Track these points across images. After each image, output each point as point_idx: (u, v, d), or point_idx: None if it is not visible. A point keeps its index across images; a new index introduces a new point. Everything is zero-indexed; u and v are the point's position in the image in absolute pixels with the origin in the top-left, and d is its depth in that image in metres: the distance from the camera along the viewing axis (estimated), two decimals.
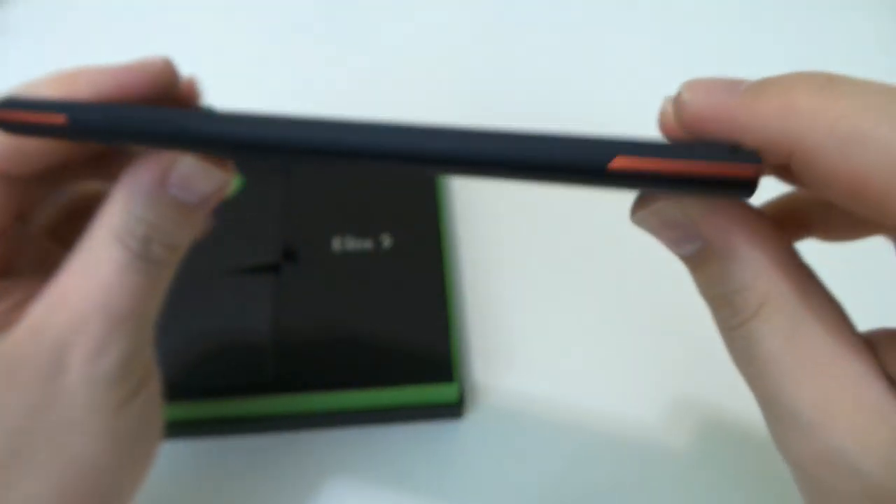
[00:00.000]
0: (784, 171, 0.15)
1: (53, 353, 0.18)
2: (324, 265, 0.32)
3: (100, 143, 0.20)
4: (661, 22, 0.53)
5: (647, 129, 0.18)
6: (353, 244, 0.33)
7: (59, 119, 0.16)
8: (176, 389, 0.24)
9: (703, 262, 0.16)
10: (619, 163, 0.14)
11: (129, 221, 0.18)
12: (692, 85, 0.15)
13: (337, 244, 0.33)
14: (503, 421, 0.31)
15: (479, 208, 0.40)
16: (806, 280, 0.15)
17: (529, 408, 0.31)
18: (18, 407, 0.17)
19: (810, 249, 0.18)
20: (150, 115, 0.16)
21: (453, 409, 0.30)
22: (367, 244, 0.33)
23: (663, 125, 0.17)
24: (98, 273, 0.18)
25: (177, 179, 0.19)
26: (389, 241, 0.33)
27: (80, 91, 0.19)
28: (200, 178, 0.19)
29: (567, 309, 0.34)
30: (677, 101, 0.16)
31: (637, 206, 0.17)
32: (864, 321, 0.16)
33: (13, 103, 0.17)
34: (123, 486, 0.20)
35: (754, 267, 0.15)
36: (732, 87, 0.15)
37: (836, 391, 0.15)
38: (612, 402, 0.31)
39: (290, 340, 0.30)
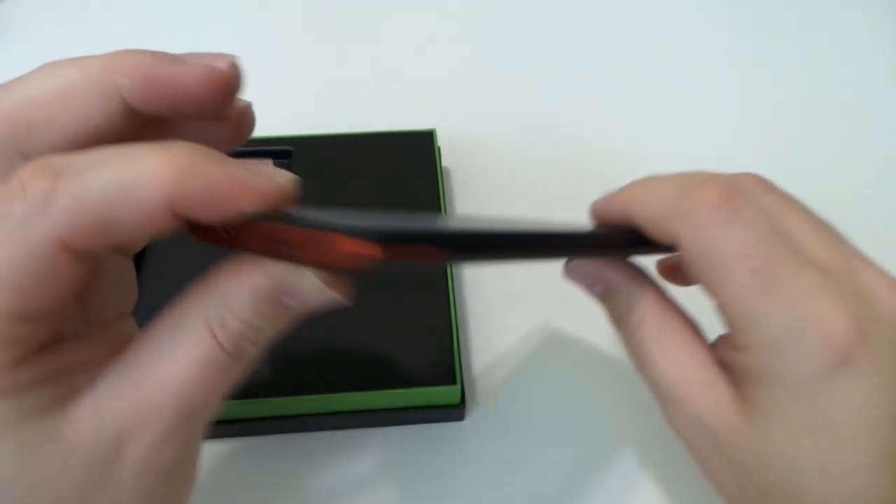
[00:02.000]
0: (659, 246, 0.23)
1: (113, 439, 0.16)
2: None
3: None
4: (661, 21, 0.53)
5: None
6: None
7: (431, 251, 0.17)
8: None
9: (606, 297, 0.24)
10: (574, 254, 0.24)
11: (226, 315, 0.17)
12: (595, 202, 0.25)
13: None
14: (504, 422, 0.31)
15: (480, 211, 0.40)
16: (669, 305, 0.23)
17: (530, 409, 0.31)
18: (71, 492, 0.16)
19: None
20: (510, 240, 0.20)
21: (455, 411, 0.30)
22: None
23: (592, 216, 0.26)
24: (180, 362, 0.17)
25: (293, 291, 0.17)
26: None
27: (133, 78, 0.17)
28: (318, 294, 0.18)
29: (570, 311, 0.34)
30: (592, 208, 0.25)
31: (566, 267, 0.25)
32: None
33: (395, 236, 0.16)
34: None
35: (635, 297, 0.23)
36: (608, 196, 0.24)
37: (690, 373, 0.22)
38: (613, 405, 0.32)
39: (292, 342, 0.30)
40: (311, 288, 0.17)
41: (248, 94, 0.48)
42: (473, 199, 0.40)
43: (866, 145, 0.44)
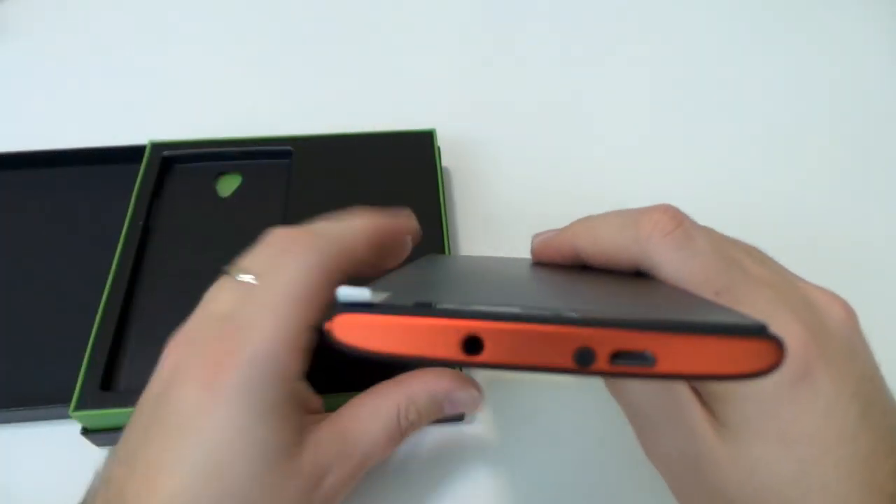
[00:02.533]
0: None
1: (321, 470, 0.22)
2: None
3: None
4: (663, 22, 0.53)
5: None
6: None
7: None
8: None
9: None
10: None
11: (411, 407, 0.24)
12: (535, 241, 0.27)
13: None
14: (504, 424, 0.31)
15: (478, 211, 0.40)
16: None
17: (532, 413, 0.31)
18: (285, 500, 0.21)
19: None
20: None
21: (457, 414, 0.30)
22: None
23: (533, 254, 0.27)
24: (373, 430, 0.24)
25: (455, 399, 0.26)
26: None
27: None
28: (468, 403, 0.26)
29: None
30: (533, 246, 0.27)
31: None
32: None
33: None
34: None
35: None
36: (550, 233, 0.26)
37: (664, 397, 0.21)
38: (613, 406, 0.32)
39: None
40: (467, 398, 0.26)
41: (250, 93, 0.48)
42: (473, 200, 0.40)
43: (866, 146, 0.44)
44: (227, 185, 0.37)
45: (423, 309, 0.14)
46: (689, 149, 0.43)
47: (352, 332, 0.15)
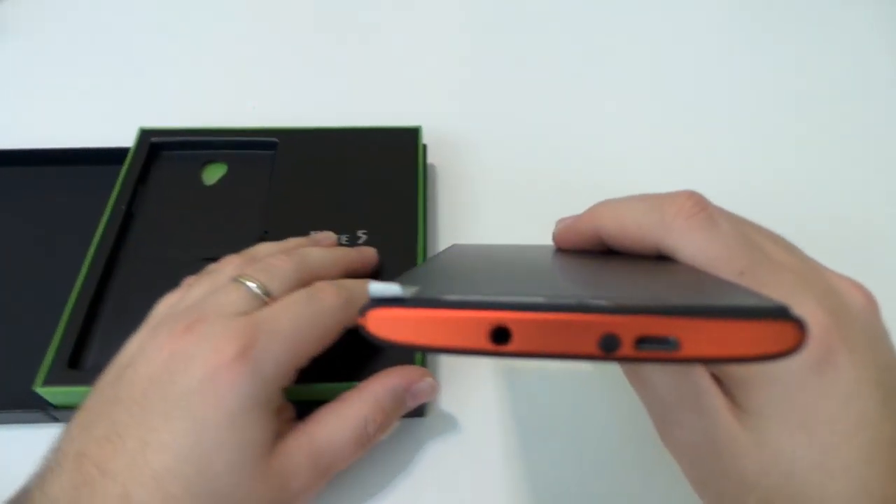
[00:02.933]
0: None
1: (318, 471, 0.25)
2: None
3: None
4: (656, 22, 0.52)
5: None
6: None
7: None
8: None
9: None
10: None
11: (377, 412, 0.26)
12: (558, 227, 0.27)
13: None
14: (464, 421, 0.31)
15: (463, 209, 0.40)
16: None
17: (490, 408, 0.31)
18: (258, 498, 0.23)
19: None
20: None
21: (416, 409, 0.30)
22: (343, 239, 0.33)
23: (556, 239, 0.27)
24: (340, 439, 0.25)
25: (414, 390, 0.28)
26: (365, 238, 0.33)
27: None
28: (427, 391, 0.28)
29: None
30: (556, 231, 0.27)
31: None
32: None
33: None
34: None
35: None
36: (572, 218, 0.26)
37: (687, 385, 0.21)
38: (575, 404, 0.31)
39: None
40: (427, 387, 0.28)
41: (241, 86, 0.48)
42: (457, 197, 0.40)
43: (866, 146, 0.43)
44: (213, 174, 0.38)
45: (452, 302, 0.15)
46: (677, 145, 0.43)
47: (384, 325, 0.15)
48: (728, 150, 0.44)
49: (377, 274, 0.32)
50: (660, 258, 0.23)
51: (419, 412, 0.31)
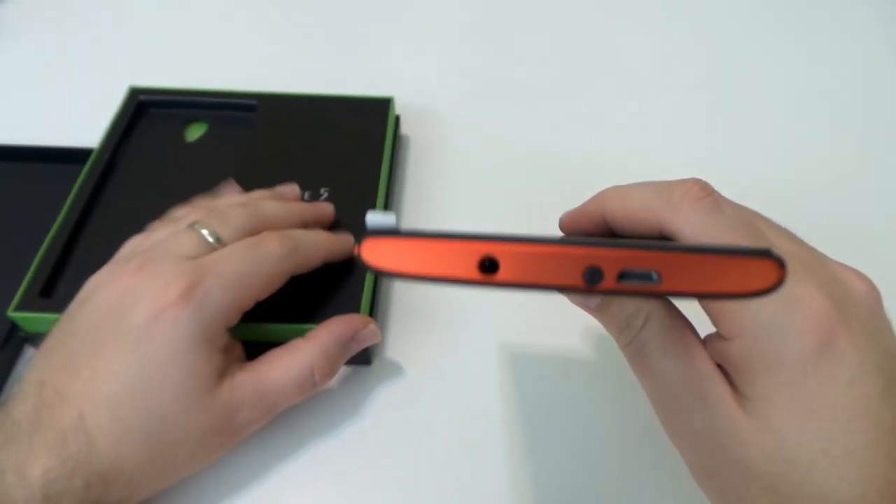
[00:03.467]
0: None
1: (236, 406, 0.26)
2: None
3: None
4: (669, 22, 0.53)
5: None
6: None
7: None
8: None
9: (605, 306, 0.24)
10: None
11: (323, 361, 0.28)
12: (565, 214, 0.28)
13: None
14: (408, 369, 0.33)
15: (430, 179, 0.41)
16: (671, 305, 0.23)
17: (436, 360, 0.33)
18: (200, 428, 0.25)
19: None
20: None
21: (362, 354, 0.32)
22: (306, 196, 0.35)
23: (562, 226, 0.28)
24: (284, 382, 0.27)
25: (359, 336, 0.30)
26: (325, 195, 0.35)
27: None
28: (370, 337, 0.30)
29: None
30: (562, 219, 0.28)
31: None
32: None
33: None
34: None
35: (640, 301, 0.23)
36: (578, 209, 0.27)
37: (692, 373, 0.21)
38: (522, 359, 0.33)
39: None
40: (369, 334, 0.30)
41: (224, 49, 0.50)
42: (429, 168, 0.42)
43: (865, 145, 0.44)
44: (194, 132, 0.40)
45: (443, 234, 0.16)
46: (658, 128, 0.44)
47: (378, 255, 0.16)
48: (706, 146, 0.44)
49: (331, 229, 0.34)
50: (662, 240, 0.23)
51: (366, 360, 0.33)
